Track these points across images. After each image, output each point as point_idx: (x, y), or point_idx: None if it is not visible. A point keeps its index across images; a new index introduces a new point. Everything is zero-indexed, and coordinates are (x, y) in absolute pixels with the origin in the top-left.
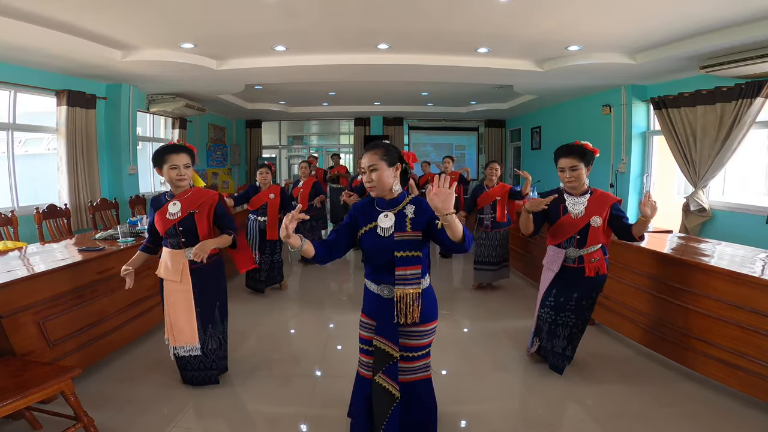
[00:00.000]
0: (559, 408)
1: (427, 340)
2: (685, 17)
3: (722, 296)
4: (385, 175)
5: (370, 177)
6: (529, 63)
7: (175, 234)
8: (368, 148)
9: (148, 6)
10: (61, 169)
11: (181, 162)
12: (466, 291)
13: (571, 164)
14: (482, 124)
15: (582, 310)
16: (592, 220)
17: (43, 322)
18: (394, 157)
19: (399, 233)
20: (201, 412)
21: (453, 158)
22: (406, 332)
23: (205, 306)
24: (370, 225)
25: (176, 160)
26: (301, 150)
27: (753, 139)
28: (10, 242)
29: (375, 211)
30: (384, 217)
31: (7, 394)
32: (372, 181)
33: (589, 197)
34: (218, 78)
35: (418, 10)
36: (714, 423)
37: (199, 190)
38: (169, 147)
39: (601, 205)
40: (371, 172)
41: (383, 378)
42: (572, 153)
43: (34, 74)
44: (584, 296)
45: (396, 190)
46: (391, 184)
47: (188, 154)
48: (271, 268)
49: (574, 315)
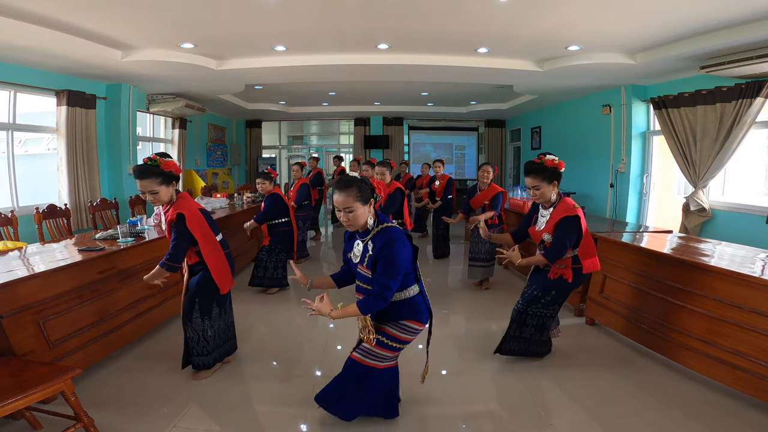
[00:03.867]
0: (559, 408)
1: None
2: (685, 17)
3: (722, 296)
4: (359, 213)
5: (346, 217)
6: (529, 63)
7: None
8: (340, 188)
9: (148, 6)
10: (61, 169)
11: (145, 189)
12: (462, 290)
13: (532, 183)
14: (482, 124)
15: (532, 299)
16: (543, 236)
17: (43, 322)
18: (368, 193)
19: (360, 266)
20: (201, 412)
21: (443, 161)
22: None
23: (186, 298)
24: (350, 252)
25: (140, 186)
26: (301, 150)
27: (753, 139)
28: (10, 242)
29: (354, 238)
30: (356, 245)
31: (7, 394)
32: (348, 220)
33: (552, 210)
34: (218, 78)
35: (418, 10)
36: (714, 423)
37: (173, 206)
38: (137, 170)
39: (554, 219)
40: (347, 213)
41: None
42: (531, 172)
43: (34, 74)
44: (538, 288)
45: (369, 223)
46: (366, 220)
47: (155, 178)
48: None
49: (521, 300)
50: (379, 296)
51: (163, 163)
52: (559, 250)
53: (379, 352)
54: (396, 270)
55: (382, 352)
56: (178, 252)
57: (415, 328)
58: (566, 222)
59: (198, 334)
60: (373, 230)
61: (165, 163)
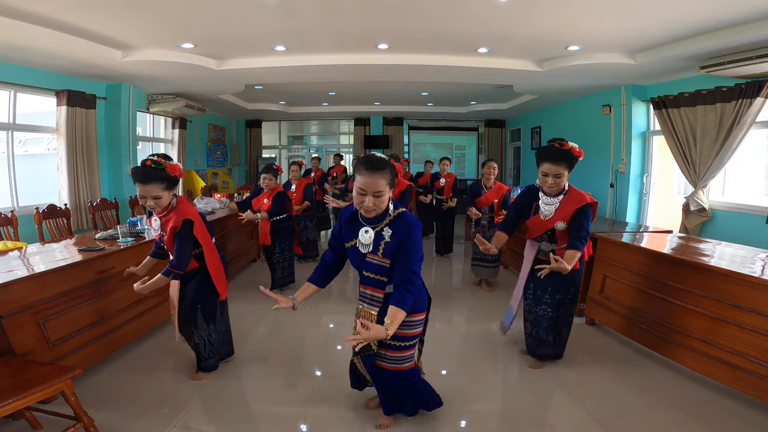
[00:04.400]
0: (559, 407)
1: (411, 332)
2: (685, 17)
3: (722, 296)
4: (386, 198)
5: (372, 202)
6: (529, 63)
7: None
8: (373, 169)
9: (148, 6)
10: (61, 169)
11: (148, 194)
12: (463, 290)
13: (556, 171)
14: (482, 124)
15: (560, 304)
16: (556, 224)
17: (43, 322)
18: (394, 176)
19: (371, 255)
20: (201, 412)
21: (450, 159)
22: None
23: (186, 306)
24: (353, 241)
25: (142, 191)
26: (301, 150)
27: (753, 139)
28: (10, 242)
29: (358, 224)
30: (365, 233)
31: (7, 394)
32: (374, 206)
33: (563, 198)
34: (218, 78)
35: (418, 10)
36: (714, 423)
37: (173, 211)
38: (138, 173)
39: (571, 207)
40: (375, 198)
41: (359, 360)
42: (559, 159)
43: (34, 74)
44: (558, 290)
45: (390, 209)
46: (387, 205)
47: (160, 182)
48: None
49: (551, 309)
50: (410, 284)
51: (169, 167)
52: (587, 237)
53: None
54: (420, 255)
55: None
56: (184, 259)
57: (418, 319)
58: (587, 209)
59: (204, 340)
60: (391, 215)
61: (171, 167)
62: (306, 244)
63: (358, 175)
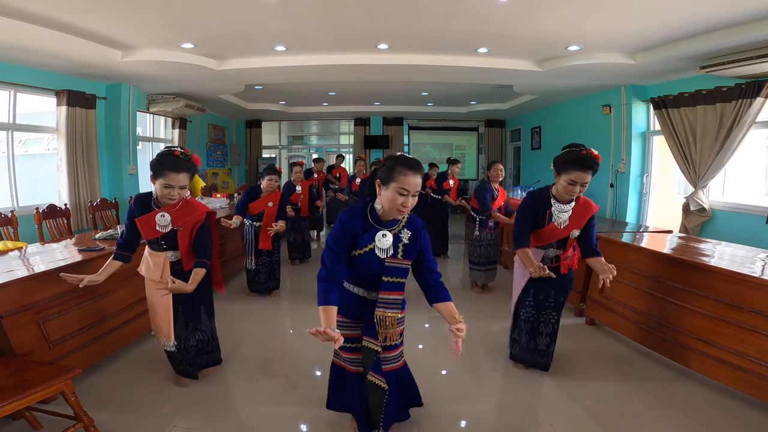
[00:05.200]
0: (559, 408)
1: (401, 328)
2: (685, 17)
3: (722, 296)
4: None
5: (409, 202)
6: (529, 63)
7: (156, 242)
8: (415, 169)
9: (148, 6)
10: (61, 169)
11: (178, 183)
12: (461, 291)
13: (586, 180)
14: (482, 124)
15: (561, 306)
16: (572, 233)
17: (43, 322)
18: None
19: (390, 259)
20: (201, 413)
21: (459, 162)
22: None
23: (189, 305)
24: (369, 246)
25: (172, 180)
26: (301, 150)
27: (753, 139)
28: (10, 242)
29: (372, 228)
30: (382, 237)
31: (7, 394)
32: (410, 206)
33: (575, 205)
34: (218, 78)
35: (418, 10)
36: (714, 423)
37: (188, 205)
38: (171, 161)
39: (583, 215)
40: (413, 197)
41: (373, 375)
42: (590, 167)
43: (34, 74)
44: (562, 292)
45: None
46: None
47: (188, 173)
48: (270, 270)
49: (555, 312)
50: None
51: (195, 158)
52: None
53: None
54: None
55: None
56: (210, 249)
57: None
58: (595, 215)
59: (207, 335)
60: (405, 217)
61: (196, 158)
62: (297, 245)
63: (400, 175)
